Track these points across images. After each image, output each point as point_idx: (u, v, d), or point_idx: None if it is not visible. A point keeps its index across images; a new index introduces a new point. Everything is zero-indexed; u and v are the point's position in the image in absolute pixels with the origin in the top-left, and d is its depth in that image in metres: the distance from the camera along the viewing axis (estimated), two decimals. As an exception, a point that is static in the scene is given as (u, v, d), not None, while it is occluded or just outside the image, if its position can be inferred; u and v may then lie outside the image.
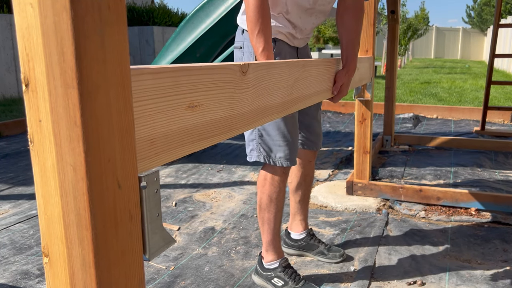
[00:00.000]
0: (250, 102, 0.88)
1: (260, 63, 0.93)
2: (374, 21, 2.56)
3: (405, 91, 7.83)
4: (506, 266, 1.87)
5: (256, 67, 0.90)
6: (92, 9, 0.44)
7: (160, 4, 12.72)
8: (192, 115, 0.68)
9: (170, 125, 0.63)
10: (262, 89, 0.94)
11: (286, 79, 1.08)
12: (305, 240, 1.96)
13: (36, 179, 0.49)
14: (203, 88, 0.70)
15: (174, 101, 0.63)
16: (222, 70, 0.76)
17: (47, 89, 0.45)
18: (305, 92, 1.23)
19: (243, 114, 0.86)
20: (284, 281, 1.68)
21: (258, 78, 0.92)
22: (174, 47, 3.21)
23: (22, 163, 3.48)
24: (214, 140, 0.76)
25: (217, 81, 0.74)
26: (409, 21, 14.54)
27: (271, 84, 0.99)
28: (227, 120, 0.79)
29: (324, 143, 4.09)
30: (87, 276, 0.48)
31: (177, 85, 0.63)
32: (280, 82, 1.04)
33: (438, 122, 5.12)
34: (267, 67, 0.96)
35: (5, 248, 2.06)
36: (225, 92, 0.78)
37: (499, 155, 3.61)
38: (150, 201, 0.56)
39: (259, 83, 0.92)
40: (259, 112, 0.94)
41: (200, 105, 0.70)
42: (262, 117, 0.96)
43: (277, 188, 1.65)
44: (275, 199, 1.65)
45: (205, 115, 0.72)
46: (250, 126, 0.90)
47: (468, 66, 15.81)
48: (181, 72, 0.64)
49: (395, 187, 2.59)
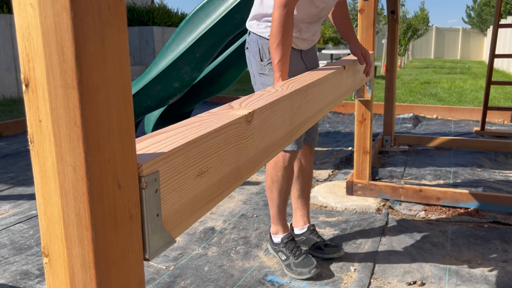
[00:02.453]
0: (256, 146, 0.86)
1: (263, 106, 0.90)
2: (374, 21, 2.56)
3: (405, 91, 7.83)
4: (506, 266, 1.87)
5: (260, 111, 0.88)
6: (92, 9, 0.44)
7: (160, 4, 12.72)
8: (201, 182, 0.67)
9: (181, 199, 0.62)
10: (266, 129, 0.92)
11: (289, 110, 1.06)
12: (304, 234, 1.98)
13: (36, 179, 0.49)
14: (211, 152, 0.69)
15: (185, 175, 0.62)
16: (228, 127, 0.74)
17: (47, 89, 0.45)
18: (308, 114, 1.22)
19: (249, 160, 0.84)
20: (286, 256, 1.85)
21: (263, 121, 0.90)
22: (174, 47, 3.21)
23: (22, 163, 3.48)
24: (223, 196, 0.74)
25: (224, 140, 0.73)
26: (409, 21, 14.53)
27: (275, 121, 0.97)
28: (234, 173, 0.77)
29: (324, 143, 4.09)
30: (87, 276, 0.48)
31: (187, 159, 0.62)
32: (283, 115, 1.02)
33: (438, 122, 5.12)
34: (271, 107, 0.94)
35: (5, 248, 2.06)
36: (232, 147, 0.76)
37: (499, 155, 3.61)
38: (150, 201, 0.55)
39: (264, 124, 0.90)
40: (264, 152, 0.92)
41: (209, 170, 0.68)
42: (267, 155, 0.93)
43: (278, 172, 1.79)
44: (276, 181, 1.81)
45: (213, 177, 0.70)
46: (256, 168, 0.88)
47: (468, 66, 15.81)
48: (192, 145, 0.63)
49: (395, 187, 2.59)
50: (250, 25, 1.76)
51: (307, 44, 1.81)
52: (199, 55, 3.13)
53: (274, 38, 1.50)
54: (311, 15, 1.70)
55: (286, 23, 1.49)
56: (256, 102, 0.93)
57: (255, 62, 1.75)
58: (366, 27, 2.57)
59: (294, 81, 1.24)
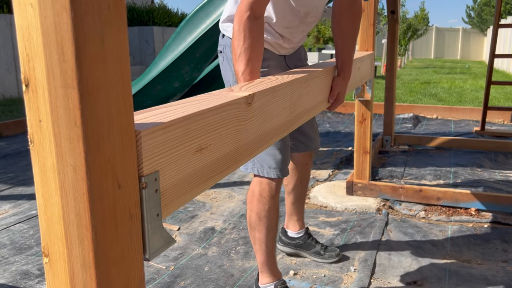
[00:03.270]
0: (255, 130, 0.87)
1: (264, 89, 0.90)
2: (374, 21, 2.56)
3: (405, 91, 7.83)
4: (506, 266, 1.87)
5: (261, 95, 0.88)
6: (92, 9, 0.44)
7: (160, 4, 12.72)
8: (200, 158, 0.67)
9: (179, 173, 0.62)
10: (266, 114, 0.92)
11: (290, 97, 1.06)
12: (302, 239, 1.95)
13: (36, 179, 0.49)
14: (210, 129, 0.69)
15: (184, 149, 0.62)
16: (229, 106, 0.74)
17: (47, 89, 0.45)
18: (307, 105, 1.21)
19: (249, 143, 0.84)
20: None
21: (263, 105, 0.90)
22: (174, 47, 3.21)
23: (22, 163, 3.48)
24: (221, 176, 0.74)
25: (224, 119, 0.73)
26: (409, 21, 14.53)
27: (275, 107, 0.97)
28: (233, 154, 0.78)
29: (324, 143, 4.09)
30: (87, 276, 0.48)
31: (186, 133, 0.62)
32: (284, 102, 1.02)
33: (438, 122, 5.12)
34: (271, 92, 0.94)
35: (5, 248, 2.06)
36: (231, 127, 0.76)
37: (499, 155, 3.61)
38: (150, 201, 0.56)
39: (264, 109, 0.90)
40: (264, 137, 0.92)
41: (208, 146, 0.68)
42: (267, 141, 0.94)
43: (265, 205, 1.52)
44: (264, 217, 1.53)
45: (212, 155, 0.70)
46: (256, 152, 0.88)
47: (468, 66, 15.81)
48: (190, 120, 0.63)
49: (395, 187, 2.59)
50: (224, 28, 1.53)
51: (291, 50, 1.60)
52: (199, 55, 3.13)
53: (235, 47, 1.25)
54: (291, 20, 1.47)
55: (249, 29, 1.23)
56: (257, 86, 0.94)
57: (230, 69, 1.51)
58: (366, 27, 2.57)
59: (294, 72, 1.24)
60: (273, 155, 1.48)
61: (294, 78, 1.09)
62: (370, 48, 2.56)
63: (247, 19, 1.23)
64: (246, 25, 1.23)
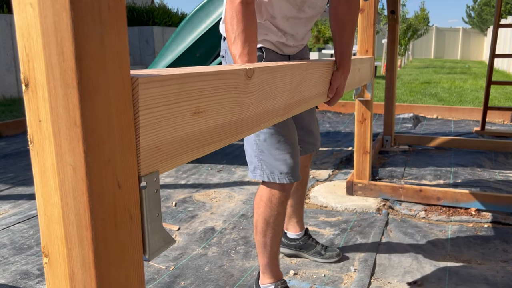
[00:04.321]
0: (254, 106, 0.88)
1: (264, 67, 0.91)
2: (374, 21, 2.56)
3: (405, 91, 7.83)
4: (506, 266, 1.87)
5: (261, 71, 0.89)
6: (92, 9, 0.44)
7: (160, 4, 12.72)
8: (198, 121, 0.67)
9: (176, 131, 0.62)
10: (266, 93, 0.93)
11: (290, 82, 1.07)
12: (302, 240, 1.95)
13: (36, 179, 0.49)
14: (208, 94, 0.70)
15: (180, 107, 0.62)
16: (227, 75, 0.75)
17: (47, 89, 0.45)
18: (307, 94, 1.22)
19: (248, 118, 0.85)
20: None
21: (263, 82, 0.91)
22: (174, 47, 3.21)
23: (22, 163, 3.48)
24: (219, 145, 0.76)
25: (223, 87, 0.74)
26: (409, 21, 14.53)
27: (275, 88, 0.98)
28: (231, 124, 0.79)
29: (324, 143, 4.09)
30: (87, 276, 0.48)
31: (183, 92, 0.63)
32: (283, 85, 1.03)
33: (438, 122, 5.12)
34: (271, 71, 0.95)
35: (5, 248, 2.06)
36: (230, 97, 0.77)
37: (499, 155, 3.61)
38: (150, 201, 0.56)
39: (263, 87, 0.92)
40: (263, 116, 0.93)
41: (206, 111, 0.69)
42: (265, 121, 0.95)
43: (274, 212, 1.49)
44: (272, 222, 1.50)
45: (210, 121, 0.71)
46: (254, 129, 0.89)
47: (468, 66, 15.80)
48: (187, 79, 0.63)
49: (395, 187, 2.59)
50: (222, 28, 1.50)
51: (295, 49, 1.57)
52: (199, 55, 3.13)
53: (229, 32, 1.25)
54: (288, 8, 1.42)
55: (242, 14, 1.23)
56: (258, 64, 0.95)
57: None
58: (366, 27, 2.57)
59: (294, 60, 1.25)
60: (284, 160, 1.45)
61: (295, 63, 1.11)
62: (370, 48, 2.56)
63: (240, 4, 1.23)
64: (239, 11, 1.23)
